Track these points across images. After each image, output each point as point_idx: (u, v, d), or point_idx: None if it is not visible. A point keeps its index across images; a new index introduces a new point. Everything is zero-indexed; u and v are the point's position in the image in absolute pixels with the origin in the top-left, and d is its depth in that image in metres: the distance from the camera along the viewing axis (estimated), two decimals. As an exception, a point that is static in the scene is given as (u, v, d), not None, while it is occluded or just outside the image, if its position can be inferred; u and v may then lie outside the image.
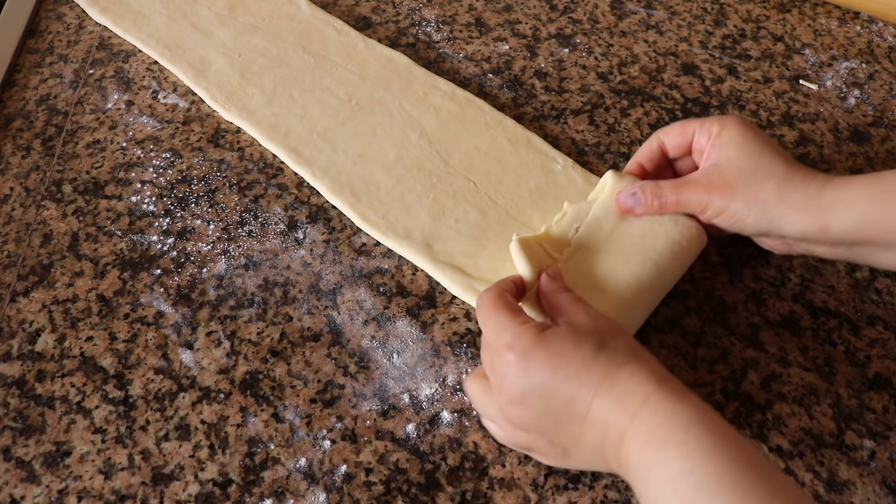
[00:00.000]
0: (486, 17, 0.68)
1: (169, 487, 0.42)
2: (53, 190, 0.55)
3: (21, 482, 0.42)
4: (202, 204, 0.54)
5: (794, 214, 0.43)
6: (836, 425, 0.44)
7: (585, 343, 0.37)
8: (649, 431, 0.34)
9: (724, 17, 0.69)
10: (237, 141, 0.58)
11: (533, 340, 0.37)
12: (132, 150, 0.57)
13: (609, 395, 0.35)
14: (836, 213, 0.42)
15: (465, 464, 0.43)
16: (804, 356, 0.47)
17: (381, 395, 0.45)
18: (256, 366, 0.46)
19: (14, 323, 0.48)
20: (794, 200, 0.43)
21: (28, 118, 0.60)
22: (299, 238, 0.52)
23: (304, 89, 0.60)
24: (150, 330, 0.48)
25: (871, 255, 0.44)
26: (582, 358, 0.36)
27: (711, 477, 0.31)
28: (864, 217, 0.41)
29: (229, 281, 0.50)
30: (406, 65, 0.61)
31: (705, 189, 0.46)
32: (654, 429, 0.34)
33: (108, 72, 0.63)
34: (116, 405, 0.45)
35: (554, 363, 0.36)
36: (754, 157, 0.45)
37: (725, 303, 0.49)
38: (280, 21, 0.65)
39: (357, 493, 0.41)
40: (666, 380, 0.36)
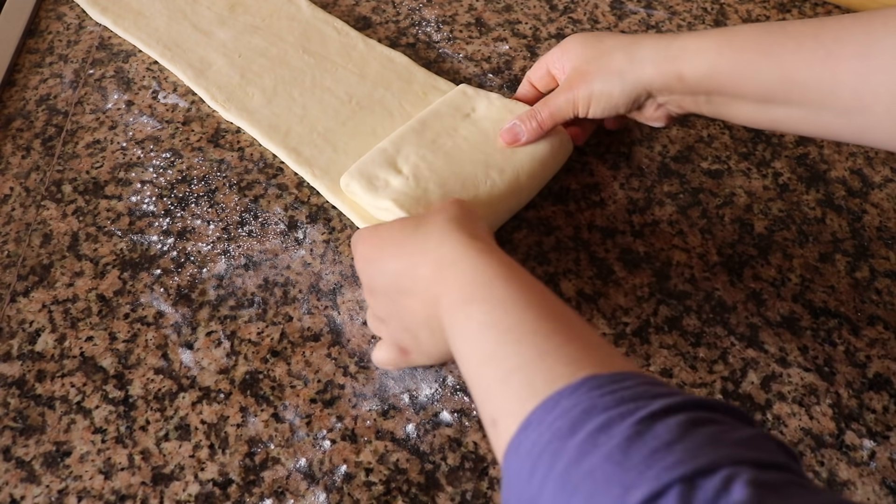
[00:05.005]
0: (486, 17, 0.68)
1: (169, 487, 0.42)
2: (53, 190, 0.55)
3: (21, 482, 0.42)
4: (202, 204, 0.54)
5: (650, 68, 0.46)
6: (836, 425, 0.44)
7: (408, 223, 0.41)
8: (457, 290, 0.35)
9: (724, 17, 0.69)
10: (237, 141, 0.58)
11: (367, 232, 0.42)
12: (132, 150, 0.57)
13: (426, 263, 0.37)
14: (687, 60, 0.45)
15: (465, 464, 0.43)
16: (804, 356, 0.47)
17: (381, 395, 0.45)
18: (256, 366, 0.46)
19: (14, 323, 0.48)
20: (645, 56, 0.46)
21: (28, 118, 0.60)
22: (299, 238, 0.52)
23: (304, 89, 0.60)
24: (150, 330, 0.48)
25: (727, 107, 0.46)
26: (403, 235, 0.40)
27: (512, 327, 0.32)
28: (713, 65, 0.44)
29: (229, 281, 0.50)
30: (406, 65, 0.61)
31: (567, 88, 0.49)
32: (461, 288, 0.35)
33: (108, 72, 0.63)
34: (116, 405, 0.45)
35: (381, 244, 0.40)
36: (597, 45, 0.49)
37: (725, 303, 0.49)
38: (280, 21, 0.65)
39: (357, 493, 0.41)
40: (474, 240, 0.37)
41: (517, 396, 0.30)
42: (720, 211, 0.54)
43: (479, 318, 0.33)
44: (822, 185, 0.56)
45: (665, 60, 0.45)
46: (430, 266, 0.37)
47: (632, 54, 0.47)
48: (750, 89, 0.43)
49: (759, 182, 0.56)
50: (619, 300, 0.49)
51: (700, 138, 0.59)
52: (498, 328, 0.32)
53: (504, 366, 0.31)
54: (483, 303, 0.34)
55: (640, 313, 0.49)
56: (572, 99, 0.49)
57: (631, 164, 0.57)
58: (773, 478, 0.24)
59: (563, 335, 0.32)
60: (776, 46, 0.41)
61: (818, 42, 0.40)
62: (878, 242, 0.53)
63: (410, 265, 0.38)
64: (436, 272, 0.37)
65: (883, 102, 0.38)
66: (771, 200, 0.55)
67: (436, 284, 0.36)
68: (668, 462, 0.24)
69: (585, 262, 0.51)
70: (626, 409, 0.27)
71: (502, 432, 0.30)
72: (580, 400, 0.28)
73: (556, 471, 0.26)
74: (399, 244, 0.39)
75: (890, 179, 0.57)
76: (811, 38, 0.40)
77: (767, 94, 0.43)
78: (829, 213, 0.54)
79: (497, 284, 0.34)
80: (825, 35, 0.40)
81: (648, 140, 0.59)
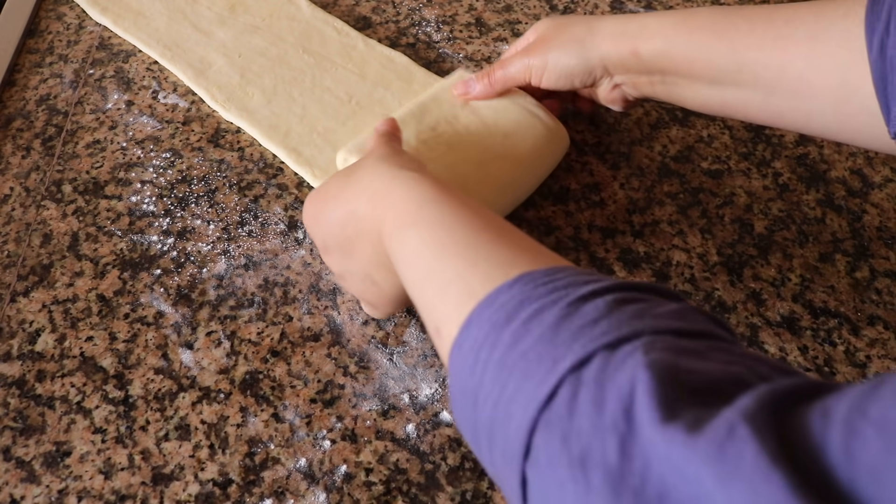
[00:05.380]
0: (486, 17, 0.68)
1: (169, 487, 0.42)
2: (53, 190, 0.55)
3: (21, 482, 0.42)
4: (202, 204, 0.54)
5: (607, 42, 0.47)
6: (836, 425, 0.44)
7: (342, 173, 0.42)
8: (392, 220, 0.36)
9: (724, 17, 0.68)
10: (237, 141, 0.58)
11: (311, 194, 0.43)
12: (132, 150, 0.57)
13: (363, 203, 0.38)
14: (644, 38, 0.46)
15: (465, 464, 0.43)
16: (804, 356, 0.47)
17: (381, 395, 0.45)
18: (256, 366, 0.46)
19: (14, 323, 0.48)
20: (604, 30, 0.47)
21: (28, 118, 0.60)
22: (299, 238, 0.52)
23: (304, 89, 0.60)
24: (150, 330, 0.48)
25: (680, 89, 0.47)
26: (339, 186, 0.41)
27: (446, 243, 0.33)
28: (668, 43, 0.45)
29: (229, 281, 0.50)
30: (406, 65, 0.61)
31: (524, 54, 0.50)
32: (396, 216, 0.36)
33: (108, 72, 0.63)
34: (116, 405, 0.45)
35: (322, 199, 0.41)
36: (563, 20, 0.50)
37: (725, 303, 0.49)
38: (280, 21, 0.65)
39: (357, 493, 0.41)
40: (403, 170, 0.38)
41: (456, 303, 0.31)
42: (720, 211, 0.54)
43: (415, 241, 0.34)
44: (822, 185, 0.56)
45: (623, 36, 0.46)
46: (367, 204, 0.38)
47: (592, 27, 0.48)
48: (702, 69, 0.44)
49: (759, 182, 0.56)
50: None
51: (700, 138, 0.59)
52: (433, 246, 0.33)
53: (442, 278, 0.32)
54: (416, 225, 0.35)
55: (640, 313, 0.49)
56: (527, 64, 0.50)
57: (631, 164, 0.57)
58: (691, 344, 0.25)
59: (497, 242, 0.32)
60: (730, 28, 0.42)
61: (770, 24, 0.41)
62: (878, 242, 0.53)
63: (350, 210, 0.39)
64: (372, 208, 0.38)
65: (829, 86, 0.39)
66: (771, 200, 0.55)
67: (375, 220, 0.37)
68: (594, 334, 0.26)
69: (585, 262, 0.51)
70: (557, 296, 0.28)
71: (445, 337, 0.31)
72: (515, 294, 0.29)
73: (493, 358, 0.27)
74: (337, 195, 0.40)
75: (890, 179, 0.57)
76: (764, 19, 0.41)
77: (719, 75, 0.44)
78: (829, 213, 0.54)
79: (429, 206, 0.35)
80: (778, 18, 0.41)
81: (648, 140, 0.59)
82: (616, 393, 0.23)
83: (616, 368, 0.24)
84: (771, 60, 0.41)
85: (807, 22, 0.39)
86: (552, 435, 0.24)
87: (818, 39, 0.39)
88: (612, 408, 0.23)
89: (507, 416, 0.26)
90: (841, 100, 0.39)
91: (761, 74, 0.42)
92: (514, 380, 0.26)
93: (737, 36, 0.42)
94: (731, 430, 0.20)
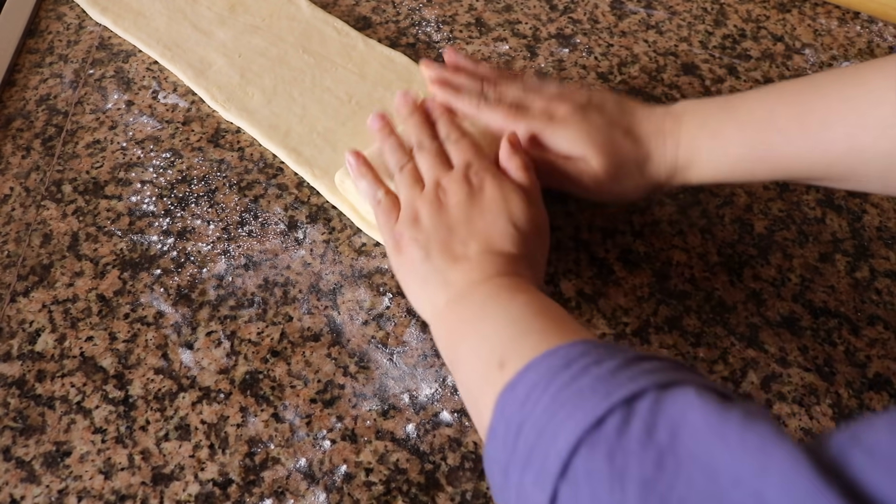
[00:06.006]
0: (486, 17, 0.68)
1: (169, 487, 0.42)
2: (53, 190, 0.55)
3: (21, 482, 0.42)
4: (202, 204, 0.54)
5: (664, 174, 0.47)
6: (837, 425, 0.44)
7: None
8: (485, 295, 0.38)
9: (724, 17, 0.69)
10: (237, 141, 0.58)
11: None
12: (132, 150, 0.57)
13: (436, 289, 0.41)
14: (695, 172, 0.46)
15: (465, 464, 0.43)
16: (804, 356, 0.47)
17: (381, 395, 0.45)
18: (256, 366, 0.46)
19: (14, 323, 0.48)
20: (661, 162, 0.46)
21: (28, 118, 0.60)
22: (299, 238, 0.52)
23: (304, 89, 0.60)
24: (150, 330, 0.48)
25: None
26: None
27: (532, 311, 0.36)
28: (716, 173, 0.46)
29: (229, 281, 0.50)
30: (406, 65, 0.61)
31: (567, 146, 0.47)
32: (489, 295, 0.38)
33: (108, 72, 0.63)
34: (116, 405, 0.45)
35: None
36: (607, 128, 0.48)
37: (725, 303, 0.49)
38: (280, 21, 0.65)
39: (357, 493, 0.41)
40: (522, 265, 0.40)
41: (532, 347, 0.33)
42: (720, 211, 0.54)
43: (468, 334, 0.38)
44: (822, 185, 0.56)
45: (675, 171, 0.46)
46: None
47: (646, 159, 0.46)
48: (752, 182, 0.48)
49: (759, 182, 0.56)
50: (619, 300, 0.49)
51: (700, 138, 0.59)
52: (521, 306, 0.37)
53: (522, 326, 0.36)
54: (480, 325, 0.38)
55: (640, 313, 0.49)
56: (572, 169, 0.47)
57: (631, 164, 0.57)
58: (728, 401, 0.27)
59: (555, 328, 0.35)
60: (767, 148, 0.42)
61: (805, 131, 0.41)
62: (878, 242, 0.53)
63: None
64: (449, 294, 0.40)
65: (875, 171, 0.40)
66: (771, 200, 0.55)
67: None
68: (648, 377, 0.29)
69: (585, 262, 0.51)
70: (617, 351, 0.31)
71: (508, 371, 0.33)
72: (576, 347, 0.32)
73: (547, 394, 0.30)
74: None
75: (890, 179, 0.57)
76: (797, 126, 0.41)
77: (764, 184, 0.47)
78: (829, 213, 0.54)
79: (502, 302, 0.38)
80: (811, 120, 0.41)
81: (648, 140, 0.59)
82: (666, 420, 0.26)
83: (669, 402, 0.27)
84: (813, 167, 0.42)
85: (844, 118, 0.39)
86: (596, 453, 0.26)
87: (857, 136, 0.39)
88: (661, 434, 0.26)
89: (552, 438, 0.28)
90: (887, 177, 0.40)
91: (806, 177, 0.43)
92: (566, 409, 0.29)
93: (775, 155, 0.42)
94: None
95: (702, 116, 0.45)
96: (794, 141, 0.41)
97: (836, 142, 0.40)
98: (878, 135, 0.38)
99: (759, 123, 0.43)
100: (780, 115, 0.42)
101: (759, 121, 0.43)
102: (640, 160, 0.46)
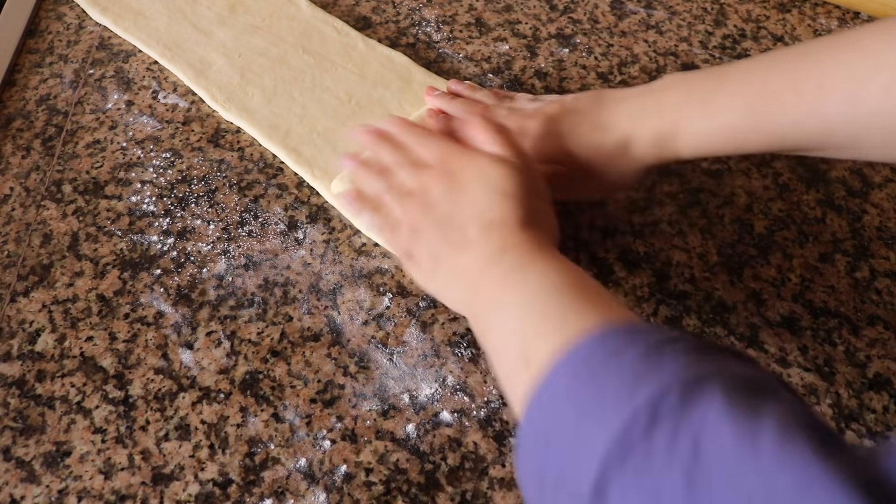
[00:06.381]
0: (486, 17, 0.68)
1: (169, 487, 0.42)
2: (53, 190, 0.55)
3: (21, 482, 0.42)
4: (202, 204, 0.54)
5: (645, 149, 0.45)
6: (836, 425, 0.44)
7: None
8: (500, 277, 0.37)
9: (724, 17, 0.69)
10: (237, 141, 0.58)
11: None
12: (132, 150, 0.57)
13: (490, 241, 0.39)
14: (684, 144, 0.44)
15: (465, 464, 0.43)
16: (804, 356, 0.47)
17: (381, 395, 0.45)
18: (256, 366, 0.46)
19: (14, 323, 0.48)
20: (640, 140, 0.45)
21: (28, 118, 0.60)
22: (299, 238, 0.52)
23: (304, 89, 0.60)
24: (150, 330, 0.48)
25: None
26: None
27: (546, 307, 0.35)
28: (709, 146, 0.44)
29: (229, 281, 0.50)
30: (406, 65, 0.61)
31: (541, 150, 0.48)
32: (504, 275, 0.37)
33: (108, 72, 0.63)
34: (116, 405, 0.45)
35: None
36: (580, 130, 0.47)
37: (725, 303, 0.49)
38: (280, 21, 0.65)
39: (357, 493, 0.41)
40: (526, 228, 0.39)
41: (556, 341, 0.32)
42: (720, 211, 0.54)
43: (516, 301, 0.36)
44: (822, 185, 0.56)
45: (662, 146, 0.45)
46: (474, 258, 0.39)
47: (626, 139, 0.45)
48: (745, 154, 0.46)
49: (759, 182, 0.56)
50: (619, 300, 0.49)
51: (700, 138, 0.59)
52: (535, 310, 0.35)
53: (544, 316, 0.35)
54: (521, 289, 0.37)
55: (640, 313, 0.49)
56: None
57: (631, 164, 0.57)
58: (759, 396, 0.26)
59: (573, 307, 0.34)
60: (760, 118, 0.41)
61: (801, 98, 0.39)
62: (878, 242, 0.53)
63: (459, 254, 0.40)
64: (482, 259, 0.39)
65: (877, 137, 0.38)
66: (771, 200, 0.55)
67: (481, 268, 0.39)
68: (676, 369, 0.28)
69: (585, 262, 0.51)
70: (639, 334, 0.31)
71: (533, 367, 0.32)
72: (595, 338, 0.31)
73: (571, 401, 0.29)
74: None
75: (890, 179, 0.57)
76: (793, 93, 0.40)
77: (762, 153, 0.45)
78: (829, 213, 0.54)
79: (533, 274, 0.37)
80: (807, 87, 0.39)
81: (648, 140, 0.59)
82: (690, 431, 0.25)
83: (693, 408, 0.26)
84: (812, 135, 0.40)
85: (842, 83, 0.38)
86: (625, 474, 0.26)
87: (856, 101, 0.37)
88: (685, 445, 0.25)
89: (578, 456, 0.28)
90: (889, 142, 0.38)
91: (805, 145, 0.41)
92: (590, 418, 0.28)
93: (773, 123, 0.41)
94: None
95: (687, 87, 0.44)
96: (790, 109, 0.40)
97: (834, 108, 0.38)
98: (879, 98, 0.36)
99: (752, 92, 0.41)
100: (775, 83, 0.40)
101: (751, 90, 0.41)
102: (617, 147, 0.45)
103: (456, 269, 0.40)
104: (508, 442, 0.43)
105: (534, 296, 0.35)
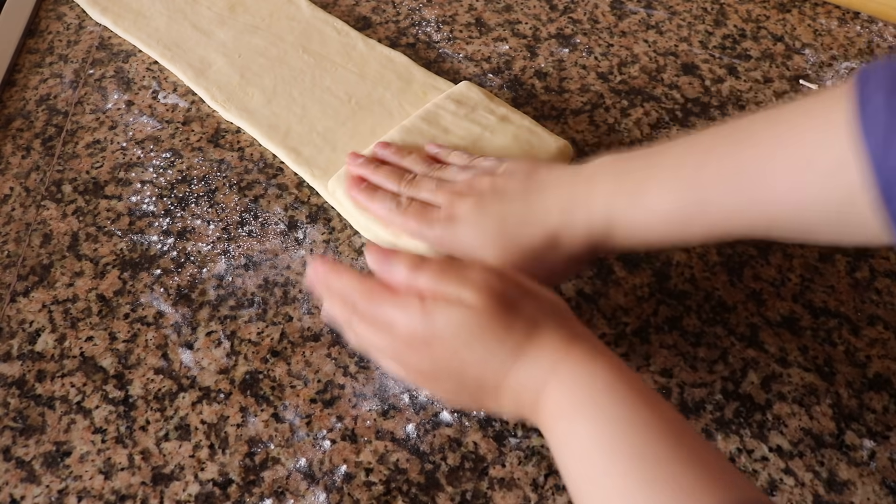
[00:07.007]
0: (486, 17, 0.68)
1: (169, 487, 0.42)
2: (53, 190, 0.55)
3: (21, 482, 0.42)
4: (202, 204, 0.54)
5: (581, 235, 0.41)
6: (836, 425, 0.44)
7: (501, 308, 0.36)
8: (557, 401, 0.34)
9: (724, 17, 0.69)
10: (237, 141, 0.58)
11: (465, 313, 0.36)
12: (132, 150, 0.57)
13: (520, 364, 0.35)
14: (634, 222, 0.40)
15: (465, 464, 0.43)
16: (804, 356, 0.47)
17: (381, 395, 0.45)
18: (256, 366, 0.46)
19: (14, 323, 0.48)
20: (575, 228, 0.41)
21: (28, 118, 0.60)
22: (299, 238, 0.52)
23: (304, 89, 0.60)
24: (150, 330, 0.48)
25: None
26: (493, 333, 0.35)
27: (618, 449, 0.31)
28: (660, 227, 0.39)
29: (229, 281, 0.50)
30: (406, 65, 0.61)
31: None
32: (562, 398, 0.33)
33: (108, 72, 0.63)
34: (116, 405, 0.45)
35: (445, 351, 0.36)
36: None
37: (725, 303, 0.49)
38: (280, 21, 0.65)
39: (357, 493, 0.41)
40: (576, 339, 0.35)
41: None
42: (720, 211, 0.54)
43: (583, 436, 0.32)
44: (822, 185, 0.56)
45: (597, 237, 0.41)
46: (526, 369, 0.35)
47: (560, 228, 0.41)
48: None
49: (759, 182, 0.56)
50: (619, 300, 0.49)
51: (700, 138, 0.59)
52: (605, 449, 0.31)
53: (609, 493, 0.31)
54: (586, 418, 0.32)
55: (640, 313, 0.49)
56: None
57: (631, 164, 0.57)
58: None
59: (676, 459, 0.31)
60: (699, 208, 0.37)
61: (741, 186, 0.36)
62: (878, 242, 0.53)
63: (502, 367, 0.35)
64: (532, 376, 0.34)
65: (826, 223, 0.34)
66: (771, 200, 0.55)
67: (534, 388, 0.34)
68: None
69: (585, 262, 0.51)
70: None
71: None
72: None
73: None
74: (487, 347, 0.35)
75: (890, 179, 0.56)
76: (732, 181, 0.36)
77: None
78: (829, 213, 0.54)
79: (601, 400, 0.33)
80: (747, 173, 0.35)
81: (648, 140, 0.59)
82: None
83: None
84: (758, 222, 0.36)
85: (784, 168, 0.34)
86: None
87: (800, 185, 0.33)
88: None
89: None
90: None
91: (754, 228, 0.37)
92: None
93: (717, 214, 0.37)
94: None
95: (617, 174, 0.40)
96: (729, 197, 0.36)
97: (778, 196, 0.34)
98: (825, 185, 0.32)
99: (687, 179, 0.37)
100: (712, 168, 0.37)
101: (686, 176, 0.37)
102: (548, 243, 0.41)
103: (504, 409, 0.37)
104: (508, 442, 0.43)
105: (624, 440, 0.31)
